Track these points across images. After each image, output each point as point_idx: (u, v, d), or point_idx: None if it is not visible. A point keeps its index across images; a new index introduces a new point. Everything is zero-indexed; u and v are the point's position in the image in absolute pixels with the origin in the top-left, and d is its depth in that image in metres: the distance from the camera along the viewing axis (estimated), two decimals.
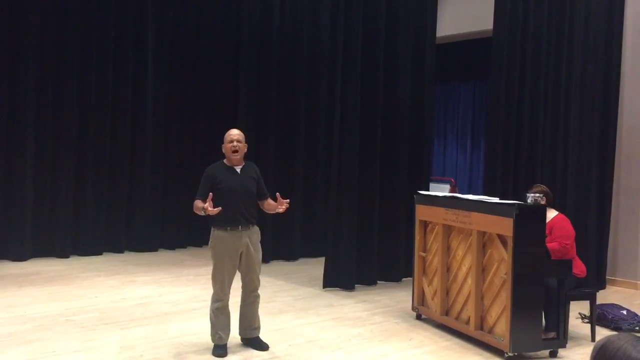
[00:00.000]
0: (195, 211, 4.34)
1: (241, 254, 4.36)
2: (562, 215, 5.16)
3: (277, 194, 4.45)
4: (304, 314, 5.52)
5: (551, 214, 5.07)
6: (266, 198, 4.56)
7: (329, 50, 8.35)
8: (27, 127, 7.38)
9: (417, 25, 7.11)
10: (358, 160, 6.59)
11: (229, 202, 4.24)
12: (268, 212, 4.63)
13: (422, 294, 5.49)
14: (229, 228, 4.29)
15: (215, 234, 4.34)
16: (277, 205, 4.44)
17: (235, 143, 4.40)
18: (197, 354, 4.36)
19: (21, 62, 7.34)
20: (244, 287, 4.48)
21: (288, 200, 4.43)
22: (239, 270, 4.42)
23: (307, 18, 8.39)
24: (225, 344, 4.39)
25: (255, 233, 4.44)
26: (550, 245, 4.81)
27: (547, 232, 4.93)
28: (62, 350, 4.31)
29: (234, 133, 4.46)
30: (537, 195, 4.98)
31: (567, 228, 5.03)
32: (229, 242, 4.30)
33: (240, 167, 4.46)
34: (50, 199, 7.62)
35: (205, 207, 4.13)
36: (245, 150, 4.49)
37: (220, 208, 4.14)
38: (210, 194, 4.18)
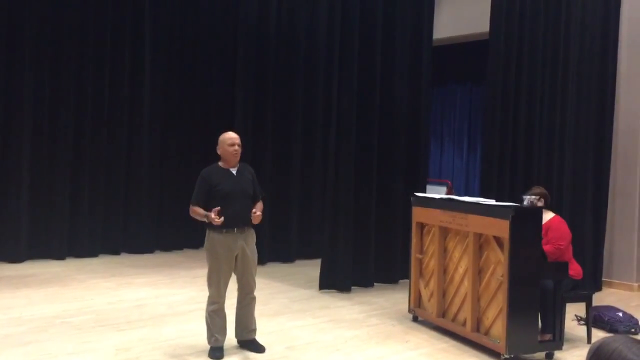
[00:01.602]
0: (193, 216, 4.32)
1: (237, 256, 4.35)
2: (559, 217, 5.16)
3: (253, 211, 4.34)
4: (300, 316, 5.52)
5: (548, 215, 5.08)
6: (258, 200, 4.55)
7: (326, 52, 8.35)
8: (23, 128, 7.36)
9: (413, 27, 7.12)
10: (355, 162, 6.59)
11: (227, 205, 4.22)
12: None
13: (419, 296, 5.49)
14: (224, 230, 4.27)
15: (210, 236, 4.33)
16: (253, 218, 4.35)
17: (236, 146, 4.40)
18: (193, 356, 4.35)
19: (18, 61, 7.32)
20: (239, 289, 4.47)
21: (259, 214, 4.32)
22: (234, 273, 4.41)
23: (304, 19, 8.39)
24: (222, 346, 4.38)
25: (250, 235, 4.44)
26: (545, 247, 4.81)
27: (542, 233, 4.93)
28: (58, 352, 4.31)
29: (234, 135, 4.45)
30: (534, 197, 5.00)
31: (563, 230, 5.03)
32: (224, 245, 4.29)
33: (236, 169, 4.45)
34: (47, 200, 7.60)
35: (212, 218, 4.09)
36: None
37: (222, 218, 4.11)
38: (219, 207, 4.14)
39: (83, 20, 7.75)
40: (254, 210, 4.34)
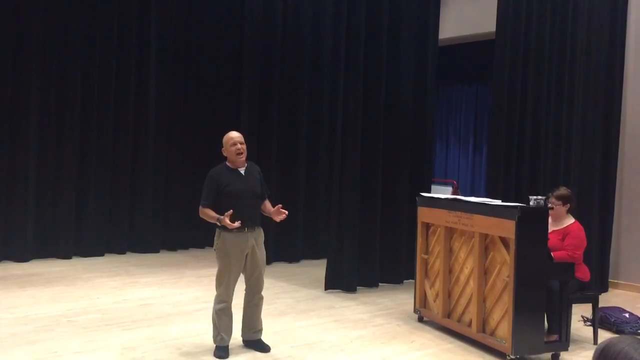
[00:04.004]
0: (204, 217, 4.31)
1: (246, 255, 4.36)
2: (579, 224, 5.07)
3: (280, 205, 4.41)
4: (305, 316, 5.52)
5: (568, 220, 5.04)
6: (265, 199, 4.55)
7: (332, 53, 8.35)
8: (29, 128, 7.39)
9: (419, 27, 7.11)
10: (360, 162, 6.59)
11: (236, 205, 4.20)
12: (262, 213, 4.57)
13: (424, 296, 5.48)
14: (235, 230, 4.28)
15: (221, 236, 4.32)
16: (275, 214, 4.39)
17: (238, 145, 4.39)
18: (198, 355, 4.36)
19: (24, 62, 7.34)
20: (248, 288, 4.47)
21: (286, 212, 4.38)
22: (242, 273, 4.41)
23: (310, 20, 8.39)
24: (227, 346, 4.39)
25: (260, 234, 4.44)
26: (560, 253, 4.79)
27: (559, 237, 4.91)
28: (64, 351, 4.32)
29: (235, 135, 4.45)
30: (540, 198, 4.97)
31: (581, 238, 4.98)
32: (235, 244, 4.30)
33: (244, 168, 4.45)
34: (53, 200, 7.63)
35: (227, 223, 4.08)
36: (246, 150, 4.48)
37: (238, 222, 4.11)
38: (231, 210, 4.12)
39: (89, 18, 7.76)
40: (282, 210, 4.34)
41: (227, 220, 4.09)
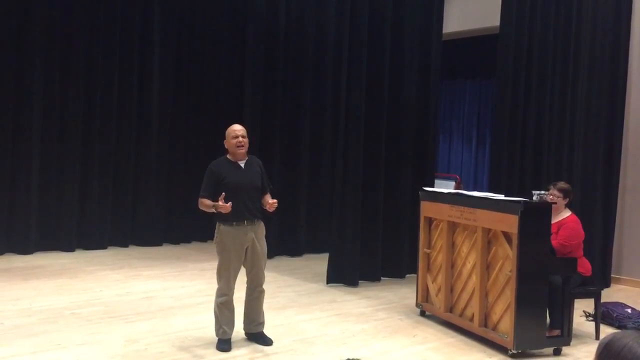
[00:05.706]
0: (202, 208, 4.35)
1: (246, 249, 4.37)
2: (575, 217, 5.08)
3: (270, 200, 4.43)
4: (307, 310, 5.53)
5: (565, 213, 5.05)
6: (266, 192, 4.55)
7: (335, 47, 8.33)
8: (33, 121, 7.39)
9: (423, 21, 7.09)
10: (363, 156, 6.58)
11: (235, 197, 4.24)
12: (262, 206, 4.59)
13: (426, 291, 5.49)
14: (234, 223, 4.29)
15: (221, 229, 4.34)
16: (267, 205, 4.40)
17: (240, 138, 4.39)
18: (201, 348, 4.37)
19: (28, 56, 7.33)
20: (249, 282, 4.48)
21: (275, 201, 4.38)
22: (243, 266, 4.43)
23: (313, 15, 8.36)
24: (230, 339, 4.40)
25: (260, 228, 4.45)
26: (552, 242, 4.78)
27: (555, 230, 4.91)
28: (67, 343, 4.34)
29: (238, 128, 4.45)
30: (543, 192, 4.97)
31: (576, 229, 4.98)
32: (234, 237, 4.31)
33: (244, 161, 4.46)
34: (56, 192, 7.65)
35: (218, 205, 4.12)
36: (248, 144, 4.48)
37: (230, 203, 4.13)
38: (223, 193, 4.16)
39: (92, 16, 7.75)
40: (271, 201, 4.36)
41: (220, 203, 4.11)
